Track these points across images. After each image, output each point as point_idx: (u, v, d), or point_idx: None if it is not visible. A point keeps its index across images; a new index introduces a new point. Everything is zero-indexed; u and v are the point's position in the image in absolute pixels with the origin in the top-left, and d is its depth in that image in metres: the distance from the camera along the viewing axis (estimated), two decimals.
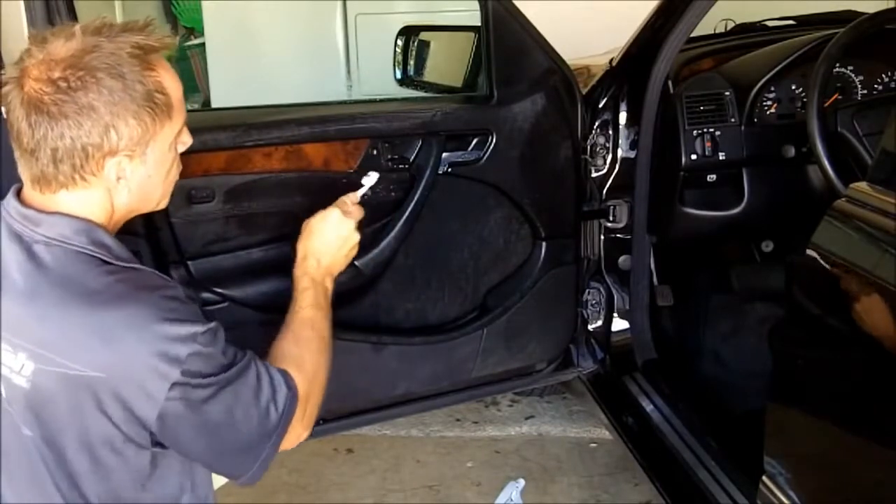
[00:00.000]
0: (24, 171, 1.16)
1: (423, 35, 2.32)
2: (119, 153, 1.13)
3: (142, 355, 1.09)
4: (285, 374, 1.23)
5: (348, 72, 3.90)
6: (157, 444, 1.17)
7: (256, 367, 1.20)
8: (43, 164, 1.12)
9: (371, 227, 1.84)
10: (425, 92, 2.29)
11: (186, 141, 1.25)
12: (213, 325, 1.15)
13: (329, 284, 1.47)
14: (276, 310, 1.76)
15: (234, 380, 1.16)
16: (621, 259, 2.22)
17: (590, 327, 2.25)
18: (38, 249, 1.13)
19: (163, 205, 1.28)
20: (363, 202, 1.59)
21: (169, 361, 1.09)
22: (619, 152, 2.14)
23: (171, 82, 1.17)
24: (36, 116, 1.10)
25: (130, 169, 1.16)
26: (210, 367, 1.13)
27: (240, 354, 1.18)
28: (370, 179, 1.64)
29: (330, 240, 1.48)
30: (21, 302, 1.11)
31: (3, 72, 1.15)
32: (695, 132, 2.12)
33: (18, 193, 1.19)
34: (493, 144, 1.91)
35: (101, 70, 1.10)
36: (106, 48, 1.11)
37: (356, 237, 1.52)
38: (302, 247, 1.47)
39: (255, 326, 1.72)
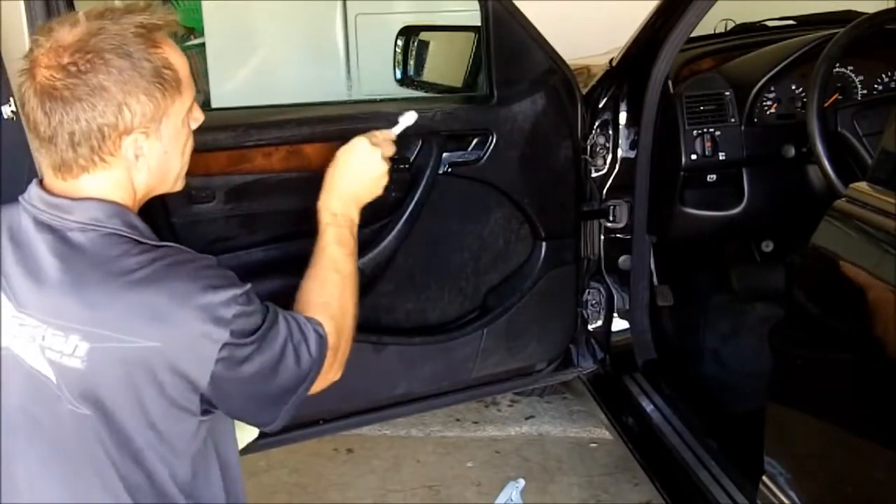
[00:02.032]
0: (44, 161, 1.18)
1: (423, 35, 2.32)
2: (134, 131, 1.16)
3: (191, 324, 1.13)
4: (313, 321, 1.27)
5: (348, 72, 3.90)
6: (204, 411, 1.20)
7: (285, 318, 1.24)
8: (62, 150, 1.15)
9: (371, 227, 1.84)
10: (425, 92, 2.29)
11: (198, 117, 1.28)
12: (248, 286, 1.19)
13: (355, 215, 1.49)
14: None
15: (268, 331, 1.20)
16: (621, 259, 2.22)
17: (590, 327, 2.25)
18: (73, 236, 1.15)
19: (179, 186, 1.30)
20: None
21: (217, 324, 1.13)
22: (619, 152, 2.14)
23: (177, 58, 1.20)
24: (50, 103, 1.12)
25: (147, 146, 1.18)
26: (252, 325, 1.18)
27: (264, 308, 1.22)
28: (408, 118, 1.63)
29: (355, 169, 1.50)
30: (64, 289, 1.13)
31: (4, 72, 1.16)
32: (695, 132, 2.12)
33: (41, 185, 1.21)
34: (493, 144, 1.91)
35: (108, 51, 1.12)
36: (111, 30, 1.13)
37: (384, 167, 1.52)
38: (327, 177, 1.50)
39: None
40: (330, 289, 1.37)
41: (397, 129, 1.62)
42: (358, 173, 1.50)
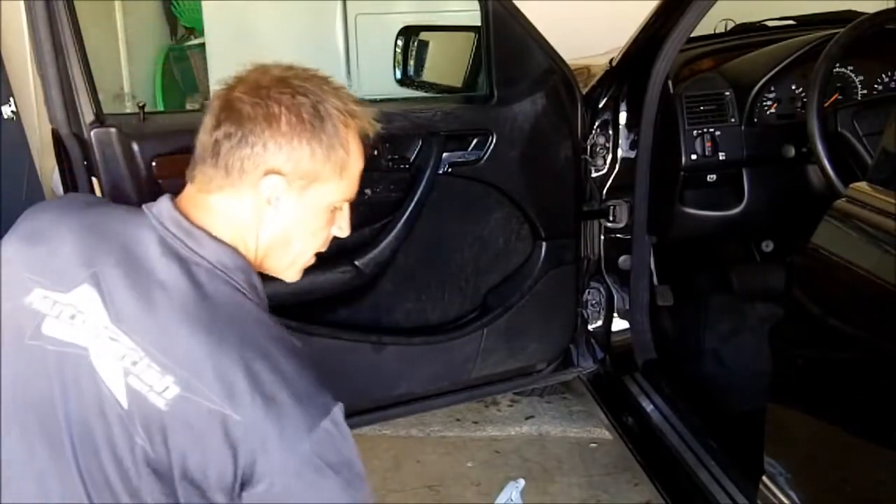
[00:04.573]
0: (195, 174, 1.18)
1: (423, 35, 2.33)
2: (279, 173, 1.15)
3: (282, 415, 1.07)
4: None
5: (348, 72, 3.90)
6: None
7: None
8: (212, 161, 1.15)
9: (371, 227, 1.85)
10: (425, 92, 2.29)
11: (343, 226, 1.26)
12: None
13: None
14: (277, 310, 1.76)
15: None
16: (621, 259, 2.22)
17: (590, 327, 2.25)
18: (198, 273, 1.12)
19: (292, 274, 1.26)
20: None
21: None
22: (619, 152, 2.14)
23: (355, 151, 1.20)
24: (227, 113, 1.15)
25: (284, 198, 1.16)
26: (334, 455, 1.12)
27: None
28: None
29: None
30: (187, 329, 1.09)
31: (4, 72, 1.16)
32: (695, 132, 2.12)
33: (175, 205, 1.18)
34: (493, 144, 1.91)
35: (302, 95, 1.15)
36: (318, 86, 1.17)
37: None
38: None
39: None
40: None
41: None
42: None
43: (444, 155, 1.88)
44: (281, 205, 1.17)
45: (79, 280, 1.12)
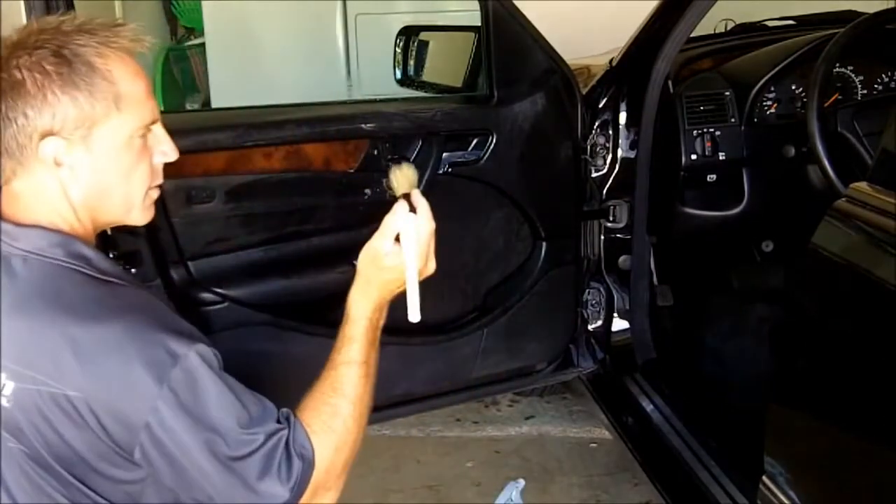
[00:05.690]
0: None
1: (423, 35, 2.32)
2: (54, 133, 1.09)
3: (121, 377, 1.05)
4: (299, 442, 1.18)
5: (348, 72, 3.90)
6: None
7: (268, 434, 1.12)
8: None
9: (370, 228, 1.84)
10: (425, 92, 2.29)
11: (166, 151, 1.18)
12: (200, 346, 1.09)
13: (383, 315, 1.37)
14: (276, 310, 1.76)
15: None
16: (621, 259, 2.22)
17: (590, 327, 2.25)
18: (14, 263, 1.10)
19: (136, 216, 1.19)
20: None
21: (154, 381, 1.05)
22: (619, 152, 2.14)
23: (124, 76, 1.11)
24: None
25: (69, 153, 1.10)
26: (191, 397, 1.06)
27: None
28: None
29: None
30: (2, 318, 1.07)
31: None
32: (695, 132, 2.12)
33: None
34: (493, 144, 1.91)
35: (39, 48, 1.08)
36: (58, 30, 1.09)
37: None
38: (363, 270, 1.38)
39: (254, 326, 1.72)
40: (338, 411, 1.30)
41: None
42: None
43: (444, 155, 1.88)
44: (72, 162, 1.11)
45: None
